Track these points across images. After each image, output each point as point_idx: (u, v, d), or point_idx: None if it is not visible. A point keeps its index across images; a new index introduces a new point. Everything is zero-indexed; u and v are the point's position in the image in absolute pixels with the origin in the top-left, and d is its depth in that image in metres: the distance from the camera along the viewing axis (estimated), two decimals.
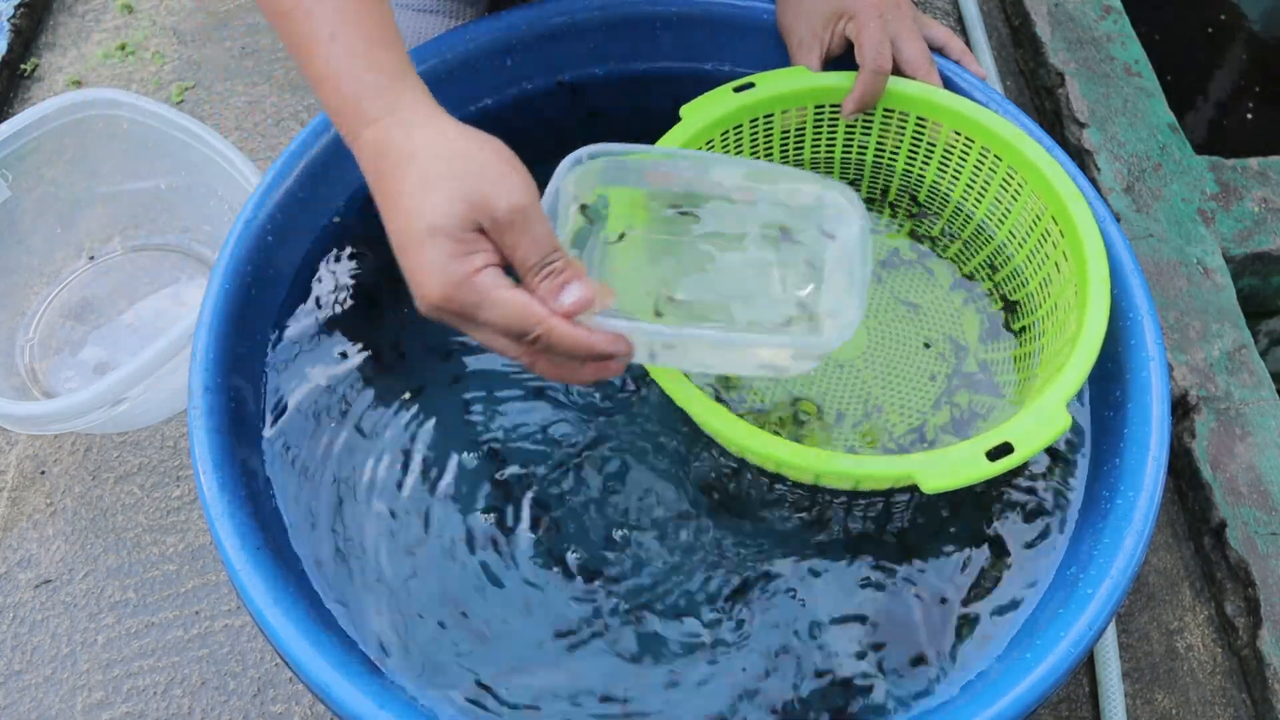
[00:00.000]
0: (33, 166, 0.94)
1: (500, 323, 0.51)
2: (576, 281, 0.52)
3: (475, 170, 0.52)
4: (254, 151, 1.10)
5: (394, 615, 0.64)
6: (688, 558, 0.66)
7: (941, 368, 0.74)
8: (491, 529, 0.67)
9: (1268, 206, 1.04)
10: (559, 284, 0.52)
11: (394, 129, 0.54)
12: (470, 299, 0.51)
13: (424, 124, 0.55)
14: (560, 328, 0.51)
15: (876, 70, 0.73)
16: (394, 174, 0.53)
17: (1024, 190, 0.73)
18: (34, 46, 1.20)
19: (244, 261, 0.70)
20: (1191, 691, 0.82)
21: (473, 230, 0.51)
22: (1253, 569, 0.82)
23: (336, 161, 0.77)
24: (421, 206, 0.51)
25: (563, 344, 0.51)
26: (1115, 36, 1.16)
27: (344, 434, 0.70)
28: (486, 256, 0.51)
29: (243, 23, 1.21)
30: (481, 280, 0.51)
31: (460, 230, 0.51)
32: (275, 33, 0.63)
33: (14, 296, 0.98)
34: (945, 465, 0.58)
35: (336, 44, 0.55)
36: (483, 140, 0.54)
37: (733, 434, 0.61)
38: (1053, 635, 0.57)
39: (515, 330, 0.51)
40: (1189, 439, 0.89)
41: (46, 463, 0.91)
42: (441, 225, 0.50)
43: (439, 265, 0.51)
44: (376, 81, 0.55)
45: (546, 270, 0.52)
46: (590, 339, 0.52)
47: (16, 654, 0.82)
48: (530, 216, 0.51)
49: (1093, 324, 0.64)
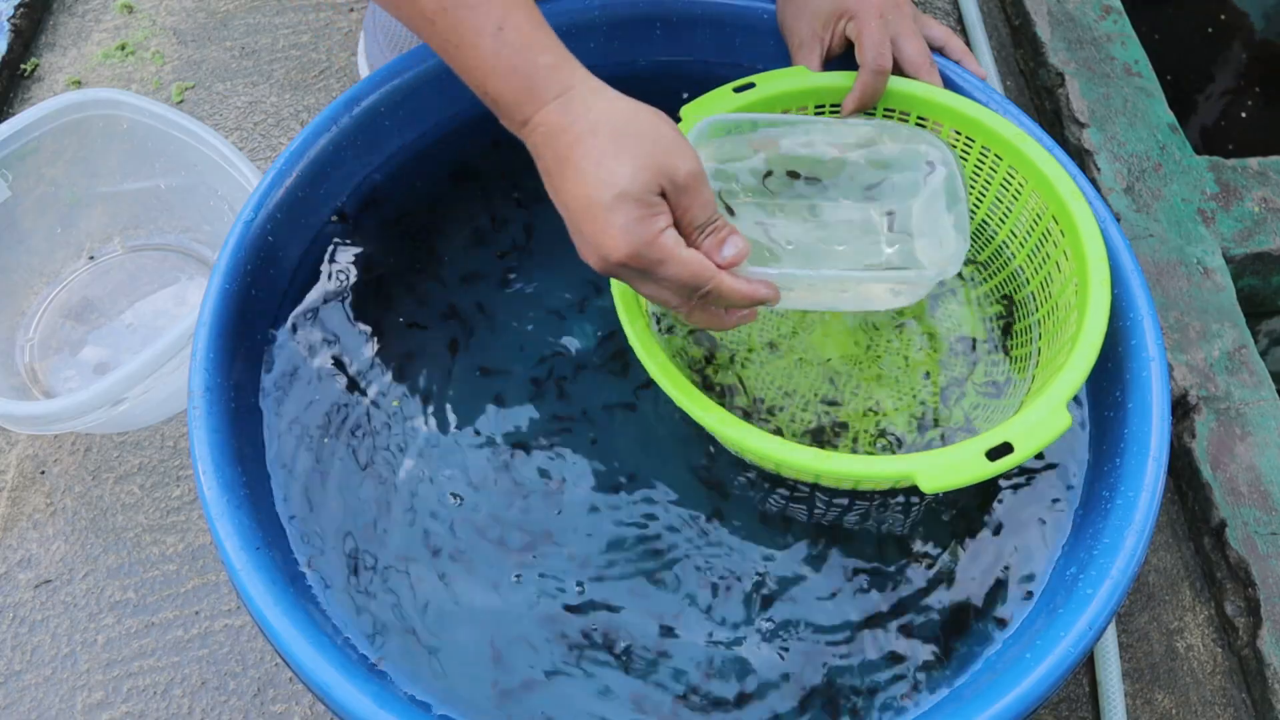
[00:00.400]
0: (33, 166, 0.94)
1: (678, 279, 0.57)
2: (733, 237, 0.59)
3: (655, 139, 0.57)
4: (254, 151, 1.10)
5: (394, 615, 0.64)
6: (690, 556, 0.66)
7: (941, 367, 0.74)
8: (493, 531, 0.67)
9: (1268, 206, 1.04)
10: (720, 240, 0.59)
11: (572, 106, 0.58)
12: (655, 257, 0.56)
13: (597, 100, 0.59)
14: (727, 281, 0.58)
15: (877, 70, 0.73)
16: (577, 147, 0.57)
17: (1024, 190, 0.73)
18: (34, 46, 1.20)
19: (244, 261, 0.70)
20: (1191, 691, 0.82)
21: (656, 194, 0.57)
22: (1253, 569, 0.82)
23: (336, 161, 0.77)
24: (611, 175, 0.56)
25: (729, 295, 0.58)
26: (1115, 36, 1.16)
27: (344, 434, 0.70)
28: (666, 219, 0.57)
29: (243, 23, 1.21)
30: (665, 240, 0.56)
31: (647, 195, 0.56)
32: (407, 29, 0.66)
33: (14, 296, 0.97)
34: (944, 465, 0.58)
35: (505, 33, 0.59)
36: (652, 111, 0.59)
37: (732, 434, 0.61)
38: (1053, 635, 0.57)
39: (691, 285, 0.57)
40: (1189, 439, 0.89)
41: (46, 463, 0.91)
42: (630, 190, 0.55)
43: (628, 227, 0.56)
44: (550, 64, 0.59)
45: (711, 228, 0.59)
46: (750, 288, 0.59)
47: (16, 654, 0.82)
48: (701, 181, 0.58)
49: (1093, 324, 0.64)
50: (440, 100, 0.81)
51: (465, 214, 0.81)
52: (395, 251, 0.79)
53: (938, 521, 0.68)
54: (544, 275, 0.78)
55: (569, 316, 0.76)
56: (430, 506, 0.68)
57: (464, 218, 0.81)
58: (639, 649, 0.63)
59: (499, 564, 0.66)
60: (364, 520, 0.67)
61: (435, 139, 0.83)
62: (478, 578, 0.65)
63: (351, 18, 1.21)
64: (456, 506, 0.68)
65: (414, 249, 0.79)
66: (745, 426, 0.61)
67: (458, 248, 0.79)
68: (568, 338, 0.75)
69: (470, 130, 0.84)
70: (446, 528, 0.67)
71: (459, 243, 0.80)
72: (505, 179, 0.83)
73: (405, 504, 0.68)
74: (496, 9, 0.59)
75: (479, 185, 0.83)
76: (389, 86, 0.78)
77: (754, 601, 0.65)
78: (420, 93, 0.80)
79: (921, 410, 0.72)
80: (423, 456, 0.70)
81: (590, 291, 0.77)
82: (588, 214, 0.57)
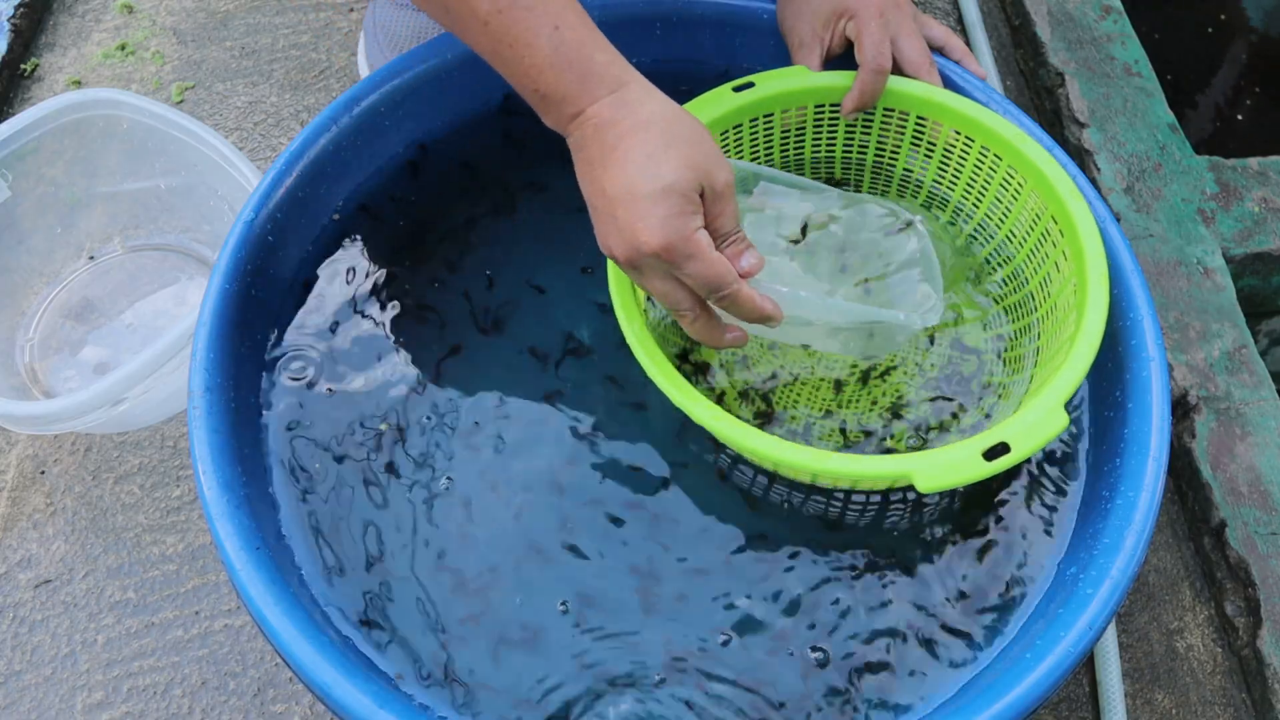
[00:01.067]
0: (33, 166, 0.94)
1: (703, 276, 0.59)
2: (751, 250, 0.62)
3: (700, 145, 0.60)
4: (254, 151, 1.10)
5: (394, 615, 0.64)
6: (690, 556, 0.66)
7: (941, 367, 0.74)
8: (493, 530, 0.67)
9: (1268, 206, 1.04)
10: (740, 250, 0.62)
11: (627, 100, 0.61)
12: (686, 251, 0.58)
13: (650, 98, 0.61)
14: (744, 290, 0.61)
15: (876, 69, 0.73)
16: (628, 138, 0.59)
17: (1024, 189, 0.73)
18: (34, 46, 1.20)
19: (244, 261, 0.70)
20: (1191, 691, 0.82)
21: (697, 194, 0.59)
22: (1253, 569, 0.82)
23: (336, 161, 0.77)
24: (658, 168, 0.58)
25: (743, 303, 0.61)
26: (1115, 36, 1.16)
27: (344, 434, 0.70)
28: (700, 219, 0.59)
29: (243, 23, 1.21)
30: (699, 238, 0.59)
31: (690, 193, 0.58)
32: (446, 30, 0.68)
33: (14, 296, 0.97)
34: (941, 465, 0.58)
35: (562, 32, 0.61)
36: (694, 119, 0.62)
37: (731, 433, 0.61)
38: (1053, 635, 0.57)
39: (713, 285, 0.60)
40: (1189, 439, 0.89)
41: (46, 463, 0.91)
42: (676, 185, 0.58)
43: (667, 219, 0.58)
44: (605, 61, 0.61)
45: (735, 238, 0.62)
46: (761, 301, 0.62)
47: (16, 654, 0.82)
48: (734, 193, 0.61)
49: (1091, 323, 0.64)
50: (440, 100, 0.81)
51: (466, 214, 0.81)
52: (395, 251, 0.79)
53: (936, 521, 0.68)
54: (546, 275, 0.78)
55: (573, 316, 0.76)
56: (431, 506, 0.68)
57: (464, 218, 0.81)
58: (647, 670, 0.63)
59: (500, 564, 0.66)
60: (364, 519, 0.67)
61: (435, 139, 0.83)
62: (480, 578, 0.65)
63: (351, 18, 1.21)
64: (457, 506, 0.68)
65: (414, 249, 0.79)
66: (744, 426, 0.61)
67: (458, 248, 0.79)
68: (572, 338, 0.75)
69: (470, 130, 0.84)
70: (447, 528, 0.67)
71: (459, 243, 0.80)
72: (506, 179, 0.83)
73: (406, 503, 0.68)
74: (553, 9, 0.61)
75: (479, 185, 0.83)
76: (389, 86, 0.78)
77: (752, 600, 0.65)
78: (420, 93, 0.80)
79: (920, 410, 0.72)
80: (423, 455, 0.70)
81: (594, 290, 0.77)
82: (629, 202, 0.58)
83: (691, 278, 0.59)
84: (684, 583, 0.65)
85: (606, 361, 0.74)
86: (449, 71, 0.80)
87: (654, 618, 0.64)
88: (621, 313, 0.65)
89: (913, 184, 0.81)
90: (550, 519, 0.67)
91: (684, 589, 0.65)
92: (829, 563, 0.66)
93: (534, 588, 0.65)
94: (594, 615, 0.64)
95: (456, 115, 0.83)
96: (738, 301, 0.61)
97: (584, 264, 0.78)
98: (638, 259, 0.59)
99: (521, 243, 0.80)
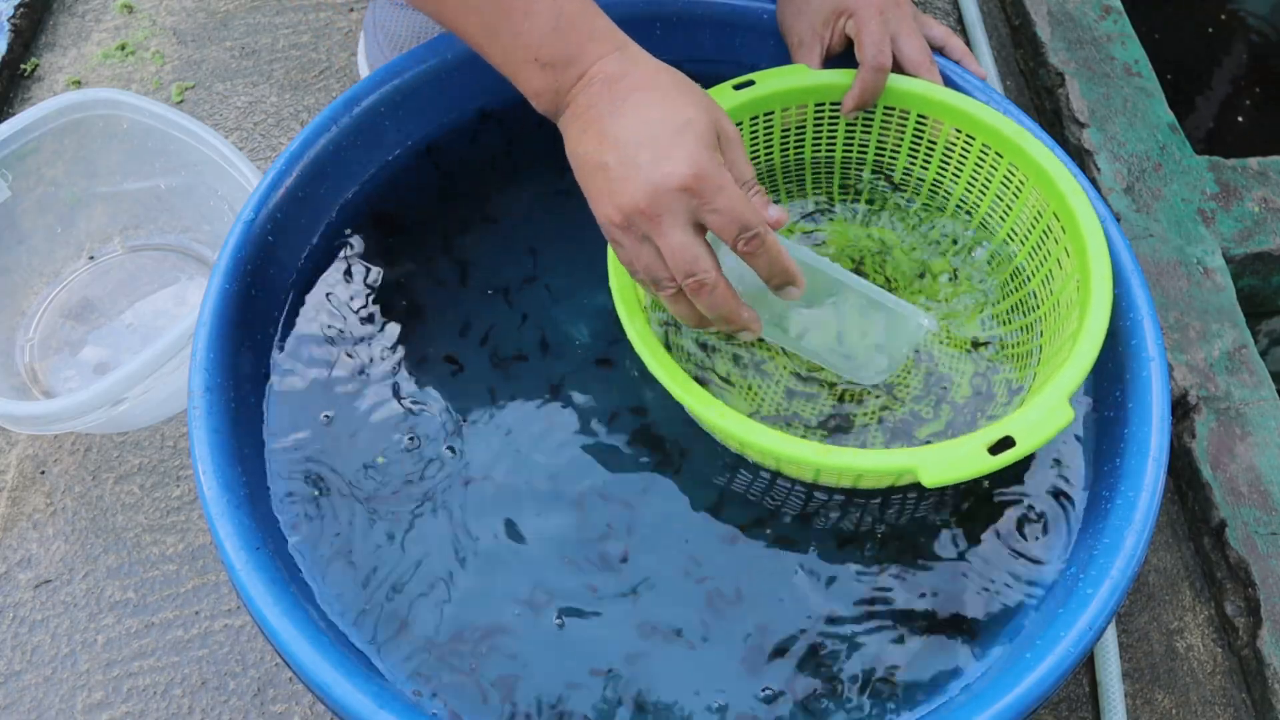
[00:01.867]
0: (33, 166, 0.94)
1: (733, 211, 0.56)
2: (774, 204, 0.60)
3: (705, 97, 0.60)
4: (254, 151, 1.10)
5: (394, 616, 0.64)
6: (689, 558, 0.66)
7: (943, 364, 0.74)
8: (496, 530, 0.67)
9: (1268, 206, 1.04)
10: (763, 201, 0.60)
11: (630, 56, 0.61)
12: (717, 181, 0.56)
13: (650, 57, 0.62)
14: (773, 234, 0.59)
15: (877, 67, 0.73)
16: (639, 90, 0.59)
17: (1025, 187, 0.73)
18: (34, 46, 1.20)
19: (244, 261, 0.70)
20: (1191, 691, 0.82)
21: (715, 136, 0.58)
22: (1253, 569, 0.82)
23: (336, 161, 0.77)
24: (677, 109, 0.58)
25: (772, 249, 0.59)
26: (1115, 36, 1.16)
27: (344, 435, 0.70)
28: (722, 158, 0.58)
29: (243, 23, 1.21)
30: (727, 172, 0.57)
31: (709, 132, 0.58)
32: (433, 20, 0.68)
33: (14, 296, 0.97)
34: (947, 460, 0.58)
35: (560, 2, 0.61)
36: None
37: (733, 429, 0.61)
38: (1053, 635, 0.57)
39: (743, 221, 0.57)
40: (1189, 439, 0.89)
41: (46, 463, 0.91)
42: (696, 122, 0.57)
43: (696, 151, 0.56)
44: (607, 25, 0.62)
45: (754, 189, 0.60)
46: (787, 258, 0.60)
47: (16, 654, 0.82)
48: (742, 142, 0.61)
49: (1095, 318, 0.64)
50: (440, 100, 0.81)
51: (466, 214, 0.81)
52: (395, 252, 0.79)
53: (936, 520, 0.68)
54: (548, 276, 0.78)
55: (578, 317, 0.76)
56: (432, 505, 0.68)
57: (464, 218, 0.81)
58: (658, 696, 0.63)
59: (500, 564, 0.66)
60: (364, 520, 0.67)
61: (435, 139, 0.83)
62: (482, 580, 0.65)
63: (351, 18, 1.21)
64: (459, 505, 0.68)
65: (414, 249, 0.79)
66: (747, 422, 0.60)
67: (458, 248, 0.79)
68: (577, 337, 0.75)
69: (470, 130, 0.84)
70: (450, 526, 0.67)
71: (459, 243, 0.80)
72: (506, 179, 0.83)
73: (406, 503, 0.68)
74: None
75: (480, 185, 0.83)
76: (389, 86, 0.78)
77: (745, 600, 0.65)
78: (420, 93, 0.80)
79: (924, 406, 0.72)
80: (425, 454, 0.70)
81: (597, 292, 0.77)
82: (649, 142, 0.57)
83: (721, 213, 0.56)
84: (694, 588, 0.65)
85: (606, 360, 0.74)
86: (449, 71, 0.80)
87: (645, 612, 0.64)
88: (623, 309, 0.65)
89: (913, 182, 0.81)
90: (551, 519, 0.67)
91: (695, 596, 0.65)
92: (823, 559, 0.66)
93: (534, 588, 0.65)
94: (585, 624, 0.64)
95: (457, 115, 0.83)
96: (766, 245, 0.58)
97: (587, 264, 0.78)
98: (659, 202, 0.56)
99: (523, 243, 0.80)
